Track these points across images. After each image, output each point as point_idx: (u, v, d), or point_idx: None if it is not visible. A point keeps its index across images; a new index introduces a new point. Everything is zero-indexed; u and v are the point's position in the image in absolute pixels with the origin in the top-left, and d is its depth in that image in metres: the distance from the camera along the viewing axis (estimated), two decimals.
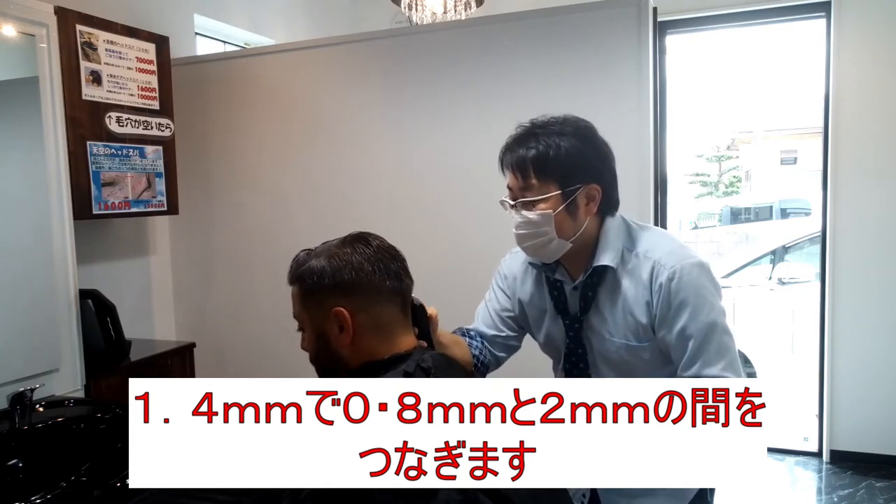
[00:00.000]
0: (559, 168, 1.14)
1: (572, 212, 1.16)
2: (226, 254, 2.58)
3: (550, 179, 1.15)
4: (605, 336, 1.21)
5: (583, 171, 1.15)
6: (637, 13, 1.90)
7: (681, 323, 1.13)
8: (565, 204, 1.15)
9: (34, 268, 1.79)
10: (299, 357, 1.02)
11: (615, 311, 1.19)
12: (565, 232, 1.17)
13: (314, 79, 2.38)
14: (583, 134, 1.17)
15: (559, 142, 1.15)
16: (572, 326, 1.25)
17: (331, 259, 0.96)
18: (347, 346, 0.95)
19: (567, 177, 1.15)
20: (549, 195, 1.15)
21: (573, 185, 1.15)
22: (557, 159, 1.14)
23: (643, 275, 1.16)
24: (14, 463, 1.47)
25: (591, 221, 1.20)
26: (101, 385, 1.90)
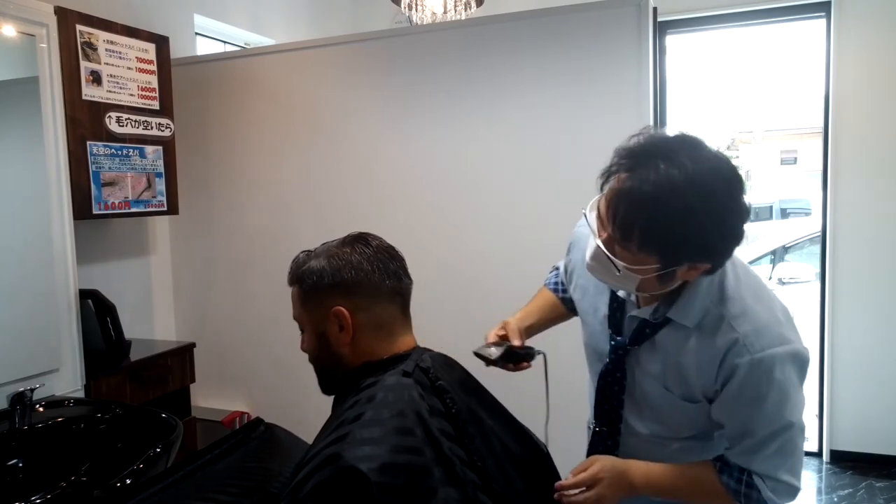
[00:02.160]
0: (669, 247, 0.91)
1: (665, 280, 0.97)
2: (226, 254, 2.57)
3: (653, 252, 0.92)
4: (649, 374, 1.06)
5: (698, 251, 0.92)
6: (637, 13, 1.90)
7: (744, 416, 0.98)
8: (659, 274, 0.95)
9: (34, 268, 1.79)
10: (299, 357, 1.02)
11: (666, 362, 1.04)
12: (647, 289, 1.00)
13: (314, 79, 2.38)
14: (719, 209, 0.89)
15: (684, 223, 0.88)
16: (616, 350, 1.10)
17: (330, 259, 0.96)
18: (347, 346, 0.96)
19: (675, 257, 0.92)
20: (645, 266, 0.94)
21: (678, 264, 0.93)
22: (673, 240, 0.90)
23: (718, 342, 0.97)
24: (14, 463, 1.48)
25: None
26: (101, 385, 1.90)
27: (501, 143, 2.10)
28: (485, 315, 2.16)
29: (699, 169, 0.89)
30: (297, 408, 2.36)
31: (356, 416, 0.85)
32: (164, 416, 1.59)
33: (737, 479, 1.01)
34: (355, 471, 0.77)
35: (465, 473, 0.84)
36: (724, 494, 1.02)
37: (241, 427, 1.27)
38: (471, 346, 1.22)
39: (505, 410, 1.04)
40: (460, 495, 0.82)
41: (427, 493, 0.79)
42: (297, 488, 0.80)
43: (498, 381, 1.18)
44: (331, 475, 0.78)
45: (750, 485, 1.00)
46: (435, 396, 0.91)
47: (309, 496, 0.78)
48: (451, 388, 0.93)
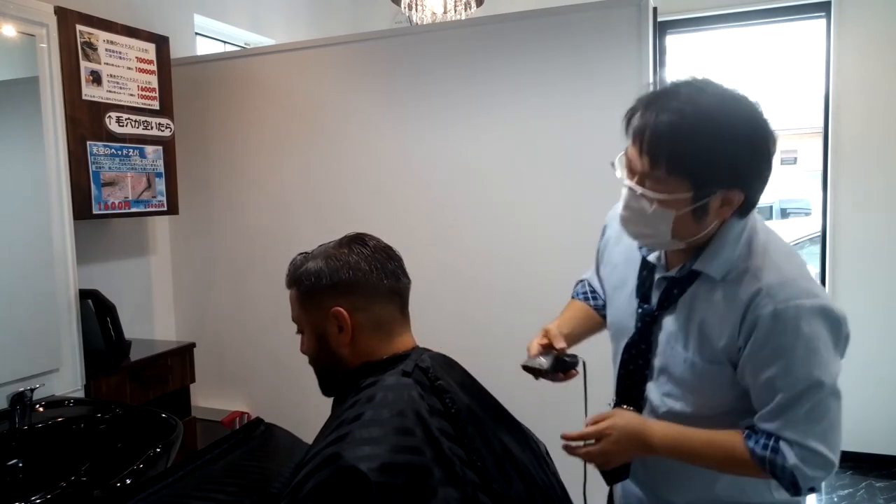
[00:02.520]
0: (699, 168, 0.91)
1: (699, 216, 0.95)
2: (226, 254, 2.57)
3: (684, 178, 0.91)
4: (673, 340, 1.03)
5: (729, 175, 0.91)
6: (637, 13, 1.90)
7: (769, 372, 0.93)
8: (693, 207, 0.93)
9: (34, 268, 1.79)
10: (299, 357, 1.02)
11: (690, 322, 1.01)
12: (683, 234, 0.97)
13: (314, 79, 2.38)
14: (745, 123, 0.90)
15: (711, 136, 0.89)
16: (644, 318, 1.07)
17: (328, 260, 0.96)
18: (347, 346, 0.96)
19: (707, 181, 0.91)
20: (677, 196, 0.93)
21: (710, 190, 0.92)
22: (702, 159, 0.90)
23: (741, 295, 0.95)
24: (14, 463, 1.48)
25: (717, 222, 0.98)
26: (101, 385, 1.90)
27: (501, 142, 2.10)
28: (484, 315, 2.17)
29: (722, 93, 0.92)
30: (297, 408, 2.36)
31: (356, 416, 0.85)
32: (164, 416, 1.60)
33: (763, 444, 0.95)
34: (355, 471, 0.77)
35: (464, 473, 0.84)
36: (748, 462, 0.96)
37: (241, 427, 1.27)
38: (470, 346, 1.23)
39: (505, 410, 1.04)
40: (460, 495, 0.82)
41: (427, 493, 0.79)
42: (297, 488, 0.80)
43: (497, 382, 1.18)
44: (331, 475, 0.78)
45: (776, 451, 0.94)
46: (434, 396, 0.91)
47: (309, 496, 0.78)
48: (450, 387, 0.93)
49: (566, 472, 1.11)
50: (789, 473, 0.94)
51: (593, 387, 1.16)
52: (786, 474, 0.94)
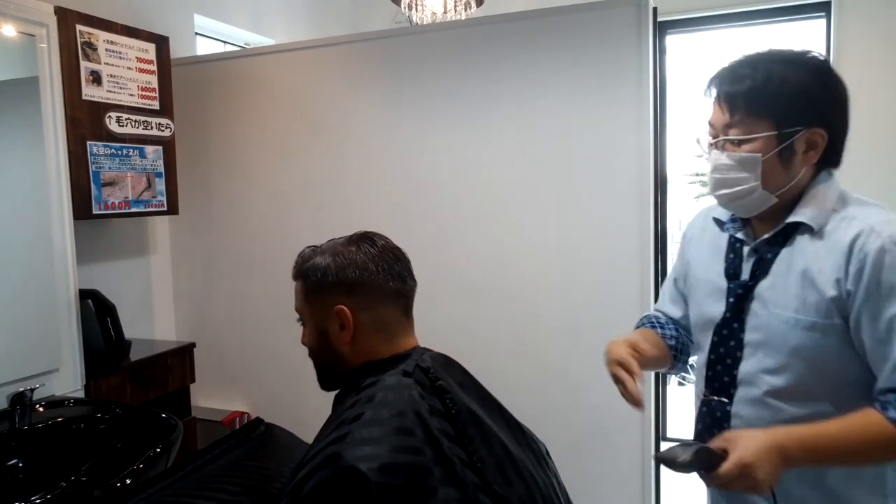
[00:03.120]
0: (778, 103, 0.95)
1: (786, 158, 0.97)
2: (226, 254, 2.57)
3: (765, 117, 0.96)
4: (770, 305, 0.98)
5: (808, 110, 0.95)
6: (637, 13, 1.90)
7: (890, 312, 0.87)
8: (779, 148, 0.96)
9: (34, 268, 1.79)
10: (298, 357, 1.02)
11: (789, 276, 0.97)
12: (773, 181, 0.98)
13: (314, 79, 2.38)
14: (813, 66, 0.97)
15: (783, 72, 0.95)
16: (735, 292, 1.03)
17: (335, 257, 0.96)
18: (347, 345, 0.96)
19: (787, 115, 0.95)
20: (760, 135, 0.96)
21: (793, 127, 0.95)
22: (779, 94, 0.95)
23: (843, 238, 0.92)
24: (14, 463, 1.48)
25: (806, 172, 0.99)
26: (101, 385, 1.90)
27: (501, 142, 2.10)
28: (485, 315, 2.17)
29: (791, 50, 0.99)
30: (297, 408, 2.36)
31: (356, 416, 0.85)
32: (164, 416, 1.60)
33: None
34: (355, 470, 0.77)
35: (464, 474, 0.84)
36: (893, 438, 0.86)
37: (241, 427, 1.27)
38: (471, 347, 1.22)
39: (505, 411, 1.04)
40: (460, 495, 0.82)
41: (427, 493, 0.79)
42: (296, 488, 0.80)
43: (498, 382, 1.18)
44: (331, 475, 0.78)
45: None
46: (435, 396, 0.91)
47: (309, 496, 0.78)
48: (451, 388, 0.93)
49: (566, 472, 1.11)
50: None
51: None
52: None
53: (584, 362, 2.01)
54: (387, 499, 0.76)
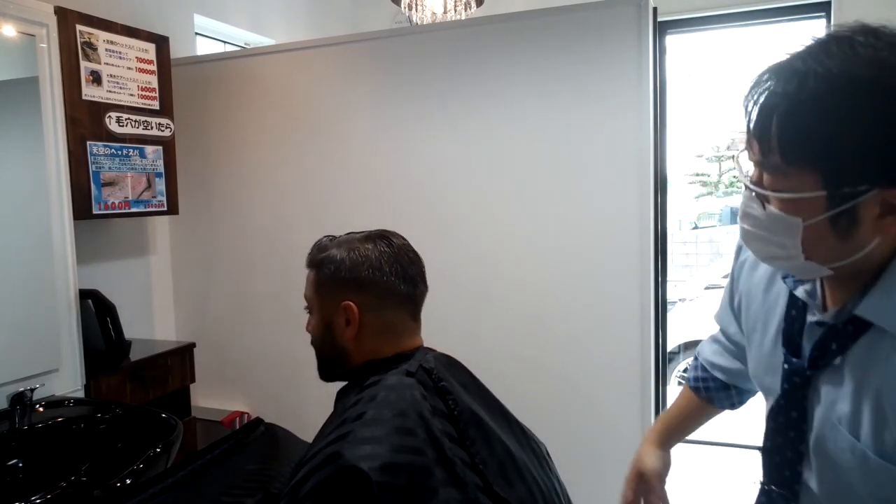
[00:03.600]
0: (829, 152, 0.62)
1: (844, 228, 0.64)
2: (226, 254, 2.57)
3: (809, 167, 0.63)
4: (834, 416, 0.71)
5: (881, 161, 0.61)
6: (637, 13, 1.90)
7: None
8: (832, 213, 0.63)
9: (34, 268, 1.79)
10: (299, 357, 1.02)
11: (864, 392, 0.68)
12: (821, 255, 0.67)
13: (314, 79, 2.38)
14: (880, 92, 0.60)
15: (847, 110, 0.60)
16: (791, 378, 0.77)
17: (351, 252, 0.96)
18: (351, 341, 0.96)
19: (844, 171, 0.62)
20: (802, 196, 0.64)
21: (855, 185, 0.62)
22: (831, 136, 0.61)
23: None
24: (14, 463, 1.48)
25: (887, 241, 0.65)
26: (101, 385, 1.90)
27: (501, 142, 2.10)
28: (485, 315, 2.16)
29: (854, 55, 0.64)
30: (297, 408, 2.36)
31: (358, 416, 0.85)
32: (164, 416, 1.60)
33: None
34: (356, 470, 0.77)
35: (466, 475, 0.84)
36: None
37: (241, 427, 1.27)
38: (470, 347, 1.22)
39: (508, 412, 1.04)
40: (461, 496, 0.81)
41: (428, 494, 0.79)
42: (296, 487, 0.80)
43: (498, 383, 1.17)
44: (331, 474, 0.78)
45: None
46: (437, 397, 0.91)
47: (309, 495, 0.78)
48: (454, 389, 0.93)
49: (566, 472, 1.11)
50: None
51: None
52: None
53: (583, 363, 2.01)
54: (388, 498, 0.76)
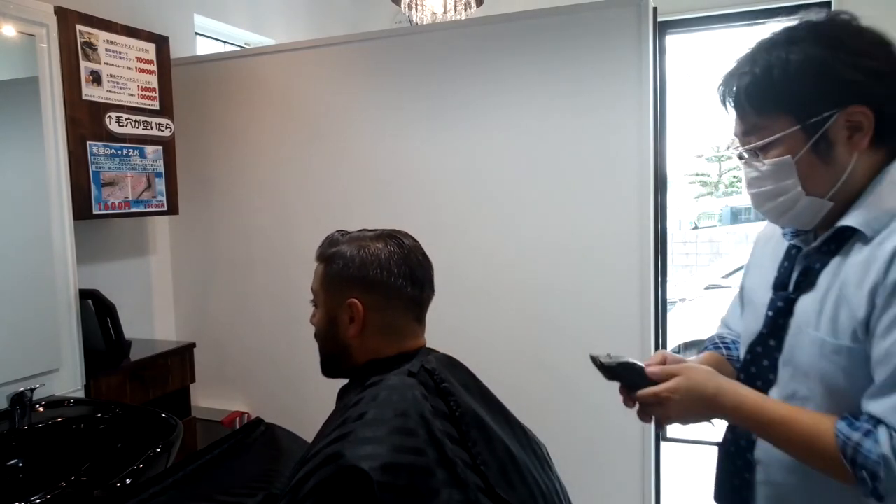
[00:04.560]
0: (789, 91, 0.80)
1: (824, 152, 0.80)
2: (226, 254, 2.57)
3: (780, 112, 0.81)
4: (804, 326, 0.84)
5: (830, 89, 0.78)
6: (637, 13, 1.90)
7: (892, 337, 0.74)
8: (811, 142, 0.80)
9: (34, 268, 1.79)
10: (299, 357, 1.02)
11: (832, 292, 0.82)
12: (818, 184, 0.82)
13: (314, 79, 2.38)
14: (823, 33, 0.82)
15: (787, 55, 0.80)
16: (775, 305, 0.90)
17: (361, 250, 0.96)
18: (354, 338, 0.97)
19: (805, 102, 0.80)
20: (781, 134, 0.81)
21: (819, 113, 0.79)
22: (785, 79, 0.80)
23: (889, 245, 0.76)
24: (14, 463, 1.48)
25: (862, 162, 0.81)
26: (101, 385, 1.89)
27: (500, 142, 2.10)
28: (486, 316, 2.16)
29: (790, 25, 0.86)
30: (297, 408, 2.36)
31: (359, 416, 0.85)
32: (164, 416, 1.59)
33: (856, 426, 0.75)
34: (357, 469, 0.77)
35: (467, 476, 0.84)
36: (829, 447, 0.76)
37: (241, 427, 1.27)
38: (473, 349, 1.21)
39: (509, 414, 1.04)
40: (462, 497, 0.81)
41: (429, 495, 0.79)
42: (297, 487, 0.80)
43: (498, 383, 1.18)
44: (332, 474, 0.78)
45: (868, 434, 0.74)
46: (439, 398, 0.91)
47: (309, 494, 0.78)
48: (455, 390, 0.93)
49: (566, 473, 1.11)
50: (872, 465, 0.73)
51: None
52: (868, 465, 0.73)
53: (583, 363, 2.00)
54: (389, 498, 0.76)
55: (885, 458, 0.72)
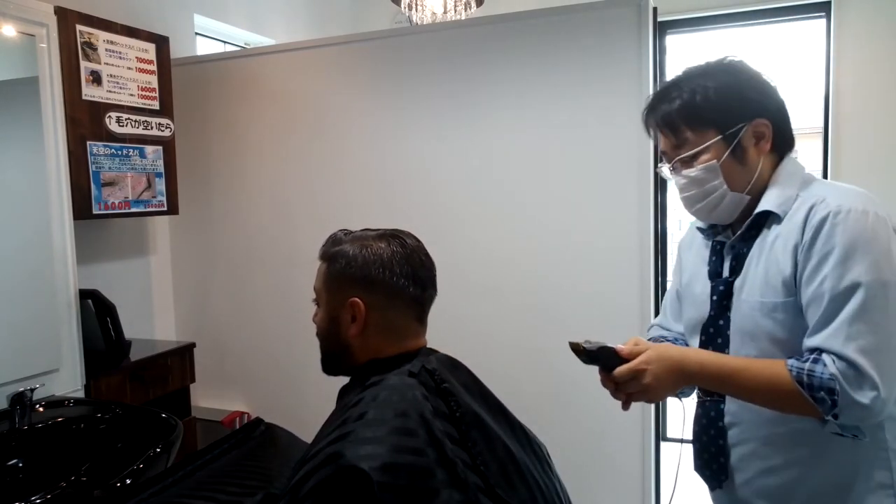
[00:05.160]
0: (713, 110, 1.02)
1: (740, 156, 1.02)
2: (226, 254, 2.57)
3: (706, 126, 1.02)
4: (745, 298, 1.01)
5: (741, 107, 1.01)
6: (637, 13, 1.90)
7: (821, 274, 0.91)
8: (730, 148, 1.02)
9: (34, 268, 1.79)
10: (299, 357, 1.02)
11: (759, 264, 1.01)
12: (737, 181, 1.03)
13: (314, 79, 2.38)
14: (728, 69, 1.04)
15: (705, 82, 1.02)
16: (717, 289, 1.07)
17: (364, 249, 0.97)
18: (355, 338, 0.97)
19: (725, 118, 1.02)
20: (708, 143, 1.02)
21: (735, 125, 1.01)
22: (708, 101, 1.02)
23: (799, 215, 0.97)
24: (14, 463, 1.48)
25: (766, 162, 1.04)
26: (101, 385, 1.89)
27: (501, 142, 2.10)
28: (483, 315, 2.16)
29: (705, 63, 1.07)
30: (297, 408, 2.36)
31: (359, 416, 0.85)
32: (164, 416, 1.59)
33: (804, 359, 0.91)
34: (357, 469, 0.77)
35: (467, 476, 0.84)
36: (788, 383, 0.91)
37: (241, 427, 1.27)
38: (474, 348, 1.21)
39: (509, 414, 1.04)
40: (462, 497, 0.81)
41: (429, 495, 0.79)
42: (297, 486, 0.80)
43: (503, 384, 1.18)
44: (331, 474, 0.78)
45: (816, 361, 0.90)
46: (439, 398, 0.91)
47: (309, 494, 0.78)
48: (456, 390, 0.93)
49: (566, 473, 1.11)
50: (826, 386, 0.88)
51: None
52: (823, 387, 0.88)
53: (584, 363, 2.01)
54: (388, 498, 0.76)
55: (834, 375, 0.87)
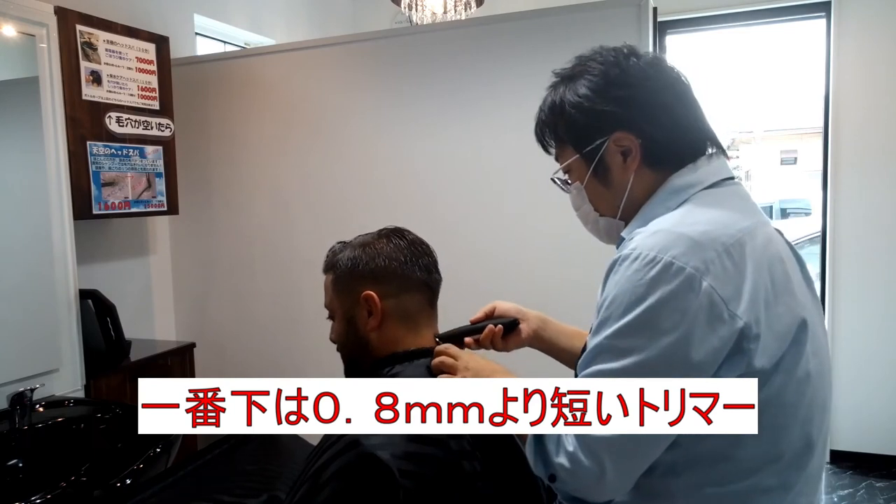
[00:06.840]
0: (567, 125, 0.87)
1: (602, 176, 0.85)
2: (226, 254, 2.57)
3: (564, 143, 0.90)
4: None
5: (595, 121, 0.84)
6: (637, 13, 1.90)
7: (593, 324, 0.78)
8: (591, 168, 0.86)
9: (34, 268, 1.79)
10: (298, 358, 1.02)
11: None
12: (603, 205, 0.88)
13: (314, 79, 2.38)
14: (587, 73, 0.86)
15: (565, 91, 0.88)
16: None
17: (365, 248, 0.99)
18: (375, 331, 0.98)
19: (578, 135, 0.86)
20: (568, 162, 0.89)
21: (592, 142, 0.84)
22: (560, 117, 0.88)
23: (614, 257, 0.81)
24: (14, 463, 1.47)
25: (640, 182, 0.84)
26: (101, 385, 1.90)
27: (501, 142, 2.10)
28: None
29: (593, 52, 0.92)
30: None
31: None
32: None
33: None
34: (374, 458, 0.78)
35: (474, 467, 0.86)
36: None
37: None
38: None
39: None
40: (473, 486, 0.83)
41: (451, 484, 0.81)
42: (318, 472, 0.81)
43: None
44: (352, 460, 0.79)
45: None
46: None
47: (331, 479, 0.79)
48: None
49: None
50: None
51: None
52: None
53: None
54: (411, 486, 0.77)
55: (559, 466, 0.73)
